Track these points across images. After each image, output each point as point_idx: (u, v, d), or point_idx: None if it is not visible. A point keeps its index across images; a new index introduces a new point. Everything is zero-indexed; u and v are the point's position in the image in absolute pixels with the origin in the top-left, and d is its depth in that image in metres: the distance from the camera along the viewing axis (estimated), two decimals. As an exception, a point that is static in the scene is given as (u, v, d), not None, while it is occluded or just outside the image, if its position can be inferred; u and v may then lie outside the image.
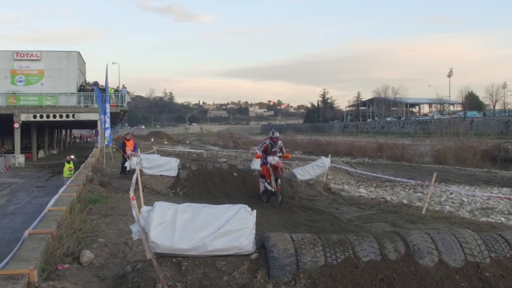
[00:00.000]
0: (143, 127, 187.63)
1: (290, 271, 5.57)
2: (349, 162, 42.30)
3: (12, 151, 39.54)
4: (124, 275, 6.16)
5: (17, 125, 37.88)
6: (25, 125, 40.02)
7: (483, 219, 15.74)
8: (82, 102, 39.85)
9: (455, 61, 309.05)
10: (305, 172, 21.13)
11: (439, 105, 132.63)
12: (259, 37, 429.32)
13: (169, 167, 19.57)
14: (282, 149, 15.25)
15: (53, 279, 6.39)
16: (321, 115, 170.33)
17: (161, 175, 19.15)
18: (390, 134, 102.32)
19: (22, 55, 41.07)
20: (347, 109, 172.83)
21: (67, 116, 39.01)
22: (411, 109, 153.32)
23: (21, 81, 40.63)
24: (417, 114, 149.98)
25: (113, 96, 39.59)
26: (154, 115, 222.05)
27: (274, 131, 15.31)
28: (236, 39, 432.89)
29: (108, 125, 30.69)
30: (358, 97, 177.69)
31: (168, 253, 5.94)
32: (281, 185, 14.22)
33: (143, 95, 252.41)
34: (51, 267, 7.00)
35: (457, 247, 5.93)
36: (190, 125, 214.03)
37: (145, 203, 10.20)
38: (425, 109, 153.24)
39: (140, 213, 6.14)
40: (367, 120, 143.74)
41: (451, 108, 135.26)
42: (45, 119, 38.75)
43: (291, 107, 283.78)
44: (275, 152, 15.02)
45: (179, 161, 20.93)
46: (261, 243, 6.07)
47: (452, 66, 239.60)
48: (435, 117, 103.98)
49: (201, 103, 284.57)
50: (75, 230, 9.16)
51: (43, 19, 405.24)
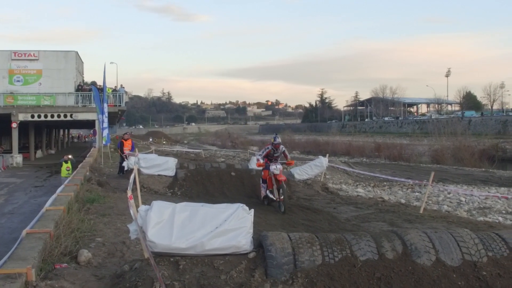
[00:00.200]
0: (141, 127, 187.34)
1: (287, 270, 5.56)
2: (347, 161, 42.38)
3: (10, 151, 39.45)
4: (121, 274, 6.16)
5: (15, 125, 37.81)
6: (23, 125, 40.00)
7: (480, 218, 15.78)
8: (80, 102, 39.76)
9: (453, 61, 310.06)
10: (303, 171, 21.18)
11: (437, 105, 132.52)
12: (257, 37, 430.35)
13: (167, 166, 19.56)
14: (285, 154, 14.95)
15: (50, 279, 6.39)
16: (319, 115, 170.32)
17: (159, 175, 19.14)
18: (388, 134, 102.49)
19: (20, 55, 40.97)
20: (345, 109, 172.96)
21: (65, 116, 38.91)
22: (409, 109, 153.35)
23: (19, 81, 40.53)
24: (415, 114, 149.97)
25: (111, 96, 39.52)
26: (152, 115, 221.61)
27: (276, 136, 14.88)
28: (234, 39, 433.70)
29: (106, 125, 30.66)
30: (356, 97, 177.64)
31: (166, 252, 5.93)
32: (283, 194, 13.80)
33: (141, 95, 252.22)
34: (48, 267, 7.00)
35: (454, 246, 5.93)
36: (188, 125, 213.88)
37: (143, 203, 10.19)
38: (423, 109, 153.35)
39: (138, 212, 6.13)
40: (365, 120, 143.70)
41: (449, 108, 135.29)
42: (43, 119, 38.66)
43: (289, 107, 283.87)
44: (278, 157, 14.66)
45: (177, 160, 20.94)
46: (259, 242, 6.06)
47: (450, 66, 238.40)
48: (433, 117, 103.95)
49: (199, 103, 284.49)
50: (73, 229, 9.17)
51: (41, 19, 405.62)
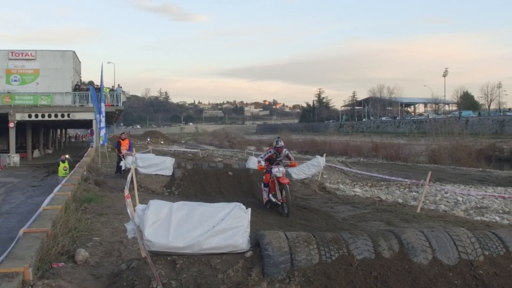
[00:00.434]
0: (138, 126, 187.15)
1: (284, 269, 5.58)
2: (345, 161, 42.37)
3: (7, 151, 39.31)
4: (119, 273, 6.17)
5: (12, 125, 37.70)
6: (20, 125, 39.90)
7: (477, 218, 15.79)
8: (77, 101, 39.68)
9: (450, 61, 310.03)
10: (300, 171, 21.18)
11: (434, 105, 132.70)
12: (255, 37, 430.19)
13: (164, 166, 19.56)
14: (289, 157, 14.60)
15: (48, 278, 6.39)
16: (316, 114, 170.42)
17: (156, 174, 19.14)
18: (385, 133, 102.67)
19: (17, 55, 40.93)
20: (343, 108, 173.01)
21: (62, 115, 38.82)
22: (406, 108, 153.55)
23: (16, 81, 40.49)
24: (412, 113, 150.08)
25: (108, 95, 39.45)
26: (149, 115, 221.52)
27: (278, 140, 14.49)
28: (231, 38, 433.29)
29: (103, 124, 30.65)
30: (353, 96, 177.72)
31: (163, 251, 5.94)
32: (287, 196, 13.36)
33: (139, 94, 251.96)
34: (46, 266, 7.00)
35: (451, 245, 5.95)
36: (185, 124, 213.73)
37: (140, 202, 10.15)
38: (420, 108, 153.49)
39: (135, 211, 6.14)
40: (363, 119, 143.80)
41: (446, 107, 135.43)
42: (40, 118, 38.56)
43: (287, 106, 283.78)
44: (280, 161, 14.33)
45: (174, 160, 20.95)
46: (256, 241, 6.08)
47: (447, 66, 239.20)
48: (430, 117, 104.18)
49: (196, 103, 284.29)
50: (70, 229, 9.17)
51: (39, 18, 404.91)
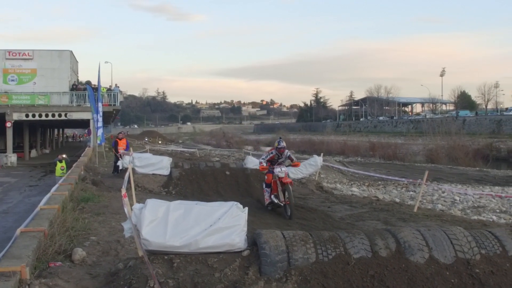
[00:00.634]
0: (136, 126, 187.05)
1: (281, 267, 5.58)
2: (342, 161, 42.45)
3: (4, 150, 39.30)
4: (116, 273, 6.17)
5: (9, 124, 37.67)
6: (17, 124, 39.86)
7: (474, 217, 15.85)
8: (74, 101, 39.64)
9: (448, 60, 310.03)
10: (298, 171, 21.15)
11: (431, 105, 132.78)
12: (252, 37, 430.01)
13: (161, 166, 19.53)
14: (291, 158, 14.14)
15: (45, 277, 6.38)
16: (314, 114, 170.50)
17: (153, 174, 19.11)
18: (382, 133, 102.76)
19: (14, 54, 40.89)
20: (340, 108, 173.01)
21: (60, 115, 38.79)
22: (403, 108, 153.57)
23: (13, 80, 40.45)
24: (410, 113, 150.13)
25: (106, 95, 39.44)
26: (146, 115, 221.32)
27: (280, 140, 14.07)
28: (229, 38, 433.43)
29: (100, 124, 30.59)
30: (351, 96, 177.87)
31: (160, 250, 5.94)
32: (289, 197, 12.88)
33: (136, 94, 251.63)
34: (43, 265, 6.99)
35: (448, 244, 5.97)
36: (183, 124, 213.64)
37: (137, 202, 10.20)
38: (418, 108, 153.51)
39: (132, 210, 6.14)
40: (360, 119, 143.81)
41: (444, 107, 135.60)
42: (37, 118, 38.53)
43: (284, 106, 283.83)
44: (282, 162, 13.93)
45: (171, 160, 20.92)
46: (253, 240, 6.08)
47: (444, 65, 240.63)
48: (427, 117, 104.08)
49: (194, 103, 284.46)
50: (67, 228, 9.16)
51: (35, 18, 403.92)
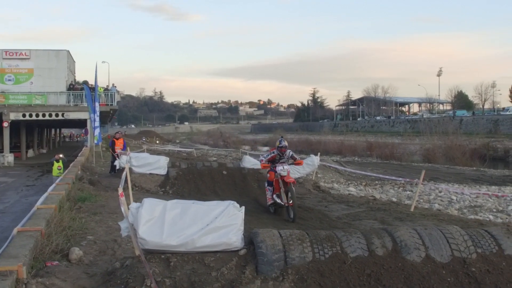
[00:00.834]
0: (133, 126, 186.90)
1: (278, 266, 5.60)
2: (339, 161, 42.46)
3: (1, 150, 39.23)
4: (113, 272, 6.17)
5: (6, 124, 37.58)
6: (14, 124, 39.78)
7: (471, 216, 15.83)
8: (71, 101, 39.57)
9: (445, 60, 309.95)
10: (295, 170, 21.09)
11: (428, 104, 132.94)
12: (250, 37, 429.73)
13: (158, 165, 19.52)
14: (293, 157, 13.58)
15: (42, 276, 6.38)
16: (311, 114, 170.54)
17: (150, 174, 19.10)
18: (379, 133, 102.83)
19: (11, 54, 40.79)
20: (337, 108, 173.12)
21: (57, 115, 38.71)
22: (400, 108, 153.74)
23: (10, 80, 40.36)
24: (407, 113, 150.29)
25: (103, 95, 39.40)
26: (144, 114, 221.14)
27: (281, 139, 13.52)
28: (226, 38, 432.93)
29: (97, 124, 30.63)
30: (348, 96, 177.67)
31: (157, 250, 5.95)
32: (293, 199, 12.33)
33: (133, 94, 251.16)
34: (40, 264, 6.99)
35: (444, 243, 5.98)
36: (180, 124, 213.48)
37: (134, 201, 10.19)
38: (415, 108, 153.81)
39: (129, 209, 6.14)
40: (357, 119, 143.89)
41: (441, 107, 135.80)
42: (34, 118, 38.44)
43: (281, 106, 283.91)
44: (284, 162, 13.27)
45: (168, 159, 20.92)
46: (250, 239, 6.09)
47: (441, 65, 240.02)
48: (424, 116, 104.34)
49: (191, 102, 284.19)
50: (64, 227, 9.16)
51: (33, 18, 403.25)
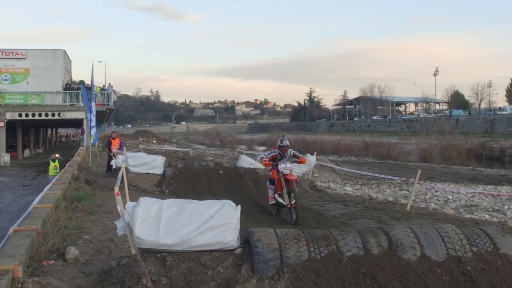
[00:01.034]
0: (129, 126, 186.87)
1: (274, 265, 5.60)
2: (336, 160, 42.51)
3: (-3, 150, 39.23)
4: (109, 271, 6.17)
5: (2, 124, 37.52)
6: (11, 124, 39.72)
7: (467, 216, 15.86)
8: (68, 100, 39.52)
9: (441, 60, 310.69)
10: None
11: (425, 104, 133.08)
12: (246, 36, 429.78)
13: (155, 165, 19.52)
14: (296, 155, 13.10)
15: (38, 275, 6.37)
16: (307, 114, 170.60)
17: (147, 173, 19.10)
18: (376, 132, 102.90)
19: (7, 53, 40.72)
20: (334, 108, 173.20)
21: (53, 114, 38.66)
22: (397, 108, 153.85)
23: (6, 80, 40.29)
24: (403, 113, 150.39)
25: (99, 94, 39.31)
26: (140, 114, 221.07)
27: (283, 138, 13.06)
28: (223, 38, 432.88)
29: (94, 123, 30.53)
30: (344, 96, 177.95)
31: (153, 249, 5.95)
32: (296, 200, 11.76)
33: (130, 94, 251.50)
34: (36, 264, 6.99)
35: (439, 242, 5.99)
36: (176, 124, 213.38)
37: (130, 201, 10.19)
38: (411, 108, 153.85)
39: (125, 208, 6.14)
40: (354, 119, 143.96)
41: (437, 107, 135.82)
42: (30, 117, 38.38)
43: (278, 106, 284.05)
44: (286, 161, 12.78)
45: (165, 159, 20.93)
46: (246, 238, 6.10)
47: (438, 65, 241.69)
48: (421, 116, 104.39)
49: (187, 102, 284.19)
50: (60, 227, 9.15)
51: (29, 18, 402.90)
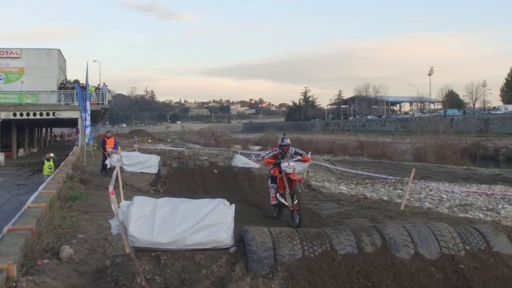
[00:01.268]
0: (124, 125, 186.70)
1: (268, 264, 5.62)
2: (330, 159, 42.51)
3: (-9, 149, 39.17)
4: (103, 270, 6.17)
5: (-4, 123, 37.54)
6: (5, 123, 39.61)
7: (461, 215, 15.91)
8: (62, 100, 39.48)
9: (436, 59, 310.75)
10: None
11: (419, 103, 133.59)
12: (241, 36, 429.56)
13: (149, 164, 19.51)
14: (298, 153, 12.53)
15: (32, 274, 6.37)
16: (302, 113, 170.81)
17: (141, 173, 19.07)
18: (371, 132, 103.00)
19: (1, 53, 40.63)
20: (329, 107, 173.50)
21: (48, 114, 38.60)
22: (392, 107, 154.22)
23: (0, 79, 40.20)
24: (398, 112, 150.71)
25: (94, 94, 39.30)
26: (135, 114, 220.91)
27: (284, 137, 12.58)
28: (218, 37, 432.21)
29: (88, 123, 30.52)
30: (339, 95, 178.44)
31: (147, 247, 5.96)
32: (299, 202, 11.14)
33: (124, 93, 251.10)
34: (30, 263, 6.98)
35: (433, 240, 6.03)
36: (171, 123, 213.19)
37: (125, 200, 10.20)
38: (406, 107, 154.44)
39: (119, 207, 6.15)
40: (349, 118, 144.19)
41: (432, 106, 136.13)
42: (25, 117, 38.31)
43: (273, 105, 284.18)
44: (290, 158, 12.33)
45: (159, 158, 20.93)
46: (240, 237, 6.12)
47: (432, 64, 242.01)
48: (415, 115, 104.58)
49: (182, 102, 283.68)
50: (54, 226, 9.14)
51: (24, 17, 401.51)
